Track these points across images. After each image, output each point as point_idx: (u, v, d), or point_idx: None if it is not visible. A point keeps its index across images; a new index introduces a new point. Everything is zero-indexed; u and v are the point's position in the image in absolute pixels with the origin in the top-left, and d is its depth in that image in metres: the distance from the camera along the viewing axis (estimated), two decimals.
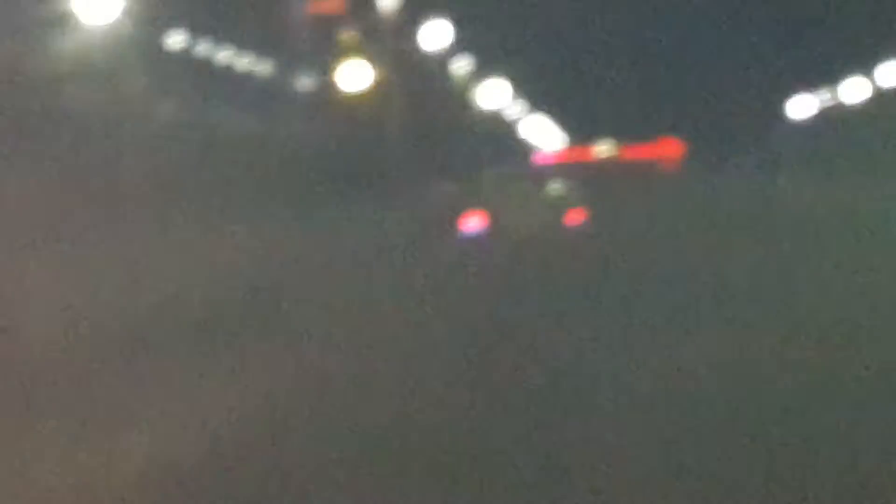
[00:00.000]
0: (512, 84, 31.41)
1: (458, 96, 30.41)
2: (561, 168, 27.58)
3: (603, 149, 28.88)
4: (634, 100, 32.37)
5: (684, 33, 33.28)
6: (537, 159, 32.97)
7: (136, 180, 17.11)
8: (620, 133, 29.36)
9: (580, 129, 33.49)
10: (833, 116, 33.63)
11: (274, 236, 16.69)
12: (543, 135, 37.85)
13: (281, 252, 15.64)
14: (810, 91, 34.02)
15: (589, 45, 32.39)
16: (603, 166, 27.74)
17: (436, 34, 26.94)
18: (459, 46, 28.59)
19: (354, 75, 24.98)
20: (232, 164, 19.93)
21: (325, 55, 25.05)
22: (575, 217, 20.87)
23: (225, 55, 23.27)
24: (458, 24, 27.31)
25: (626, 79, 32.73)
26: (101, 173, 16.28)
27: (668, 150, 29.01)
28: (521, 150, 35.91)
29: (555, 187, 22.70)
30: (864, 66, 31.93)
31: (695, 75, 32.80)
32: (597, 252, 16.94)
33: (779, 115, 33.93)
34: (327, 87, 25.11)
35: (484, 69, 31.25)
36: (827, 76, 33.11)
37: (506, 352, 8.97)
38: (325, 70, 25.03)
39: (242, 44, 23.43)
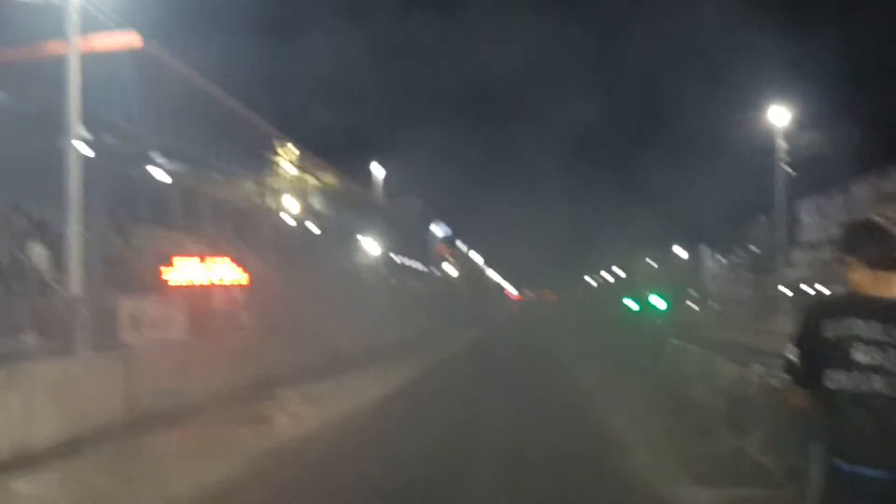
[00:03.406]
0: (500, 272, 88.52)
1: (481, 275, 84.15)
2: (517, 300, 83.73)
3: (530, 293, 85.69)
4: (540, 286, 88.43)
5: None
6: (509, 295, 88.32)
7: (384, 304, 37.04)
8: (536, 289, 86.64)
9: (523, 287, 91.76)
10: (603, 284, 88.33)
11: (423, 321, 43.42)
12: (510, 288, 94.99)
13: (425, 326, 42.38)
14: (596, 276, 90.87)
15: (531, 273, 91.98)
16: (533, 297, 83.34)
17: (479, 257, 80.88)
18: (487, 261, 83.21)
19: (450, 269, 76.77)
20: (412, 298, 48.28)
21: (440, 262, 75.64)
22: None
23: (405, 261, 71.07)
24: (487, 254, 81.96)
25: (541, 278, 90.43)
26: (369, 302, 33.77)
27: (551, 294, 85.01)
28: (504, 293, 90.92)
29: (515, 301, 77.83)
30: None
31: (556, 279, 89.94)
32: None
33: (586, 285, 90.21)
34: (442, 273, 75.30)
35: (492, 267, 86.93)
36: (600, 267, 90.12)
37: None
38: (440, 267, 75.42)
39: (418, 260, 71.30)
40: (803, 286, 38.62)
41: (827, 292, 35.58)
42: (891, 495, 2.58)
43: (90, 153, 16.82)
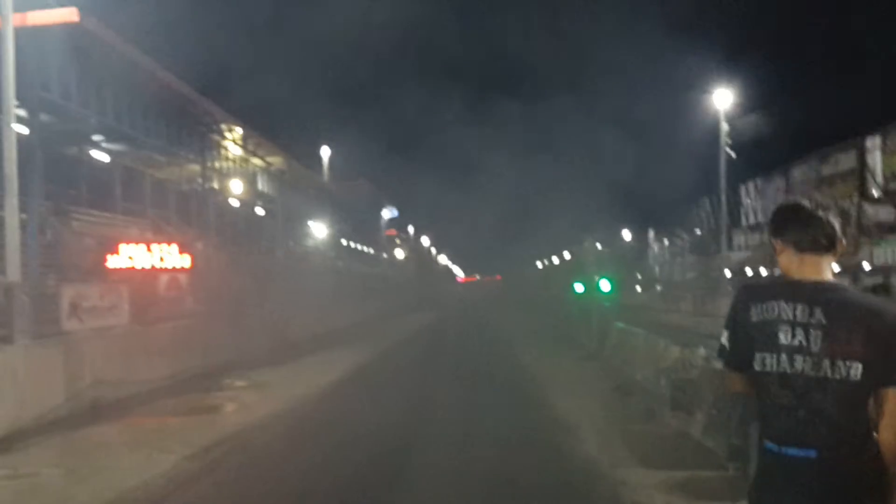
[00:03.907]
0: (448, 256, 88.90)
1: (430, 259, 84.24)
2: (465, 282, 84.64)
3: (478, 276, 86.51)
4: (487, 269, 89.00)
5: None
6: (458, 279, 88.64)
7: (333, 288, 36.02)
8: (483, 273, 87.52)
9: (470, 271, 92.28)
10: (550, 267, 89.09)
11: (372, 306, 44.21)
12: (458, 272, 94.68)
13: (374, 310, 43.04)
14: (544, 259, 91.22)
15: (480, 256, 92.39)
16: (481, 280, 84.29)
17: (428, 241, 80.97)
18: (435, 243, 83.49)
19: (399, 253, 76.70)
20: (361, 282, 47.70)
21: (391, 247, 75.58)
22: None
23: (358, 247, 71.40)
24: (436, 238, 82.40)
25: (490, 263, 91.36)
26: (317, 286, 33.10)
27: (498, 277, 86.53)
28: (453, 276, 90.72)
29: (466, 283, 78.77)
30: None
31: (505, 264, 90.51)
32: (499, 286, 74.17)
33: (533, 268, 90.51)
34: (391, 257, 75.30)
35: (441, 251, 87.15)
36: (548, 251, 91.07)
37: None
38: (390, 251, 75.34)
39: (366, 243, 71.31)
40: (747, 269, 39.37)
41: (765, 273, 36.51)
42: (817, 474, 2.63)
43: (26, 132, 16.34)
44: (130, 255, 16.47)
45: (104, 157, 24.30)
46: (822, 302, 2.66)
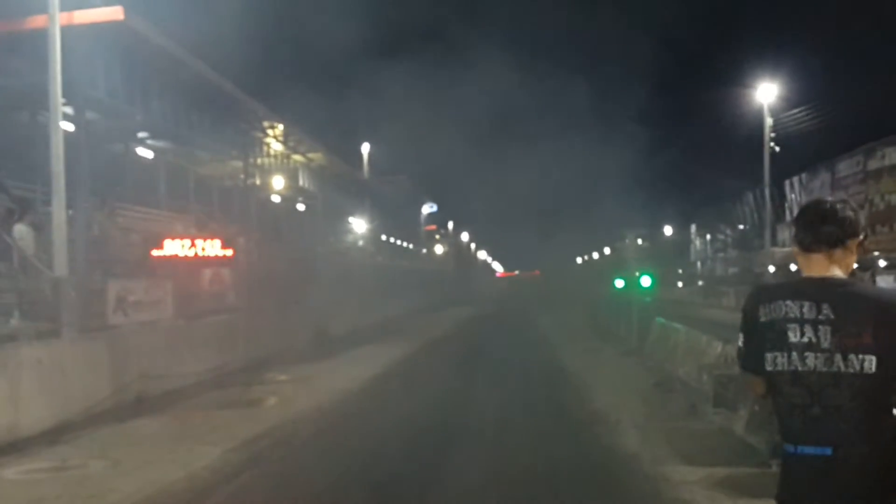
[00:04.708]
0: (487, 251, 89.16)
1: (469, 254, 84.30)
2: (505, 277, 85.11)
3: (517, 272, 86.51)
4: (527, 265, 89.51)
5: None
6: (497, 274, 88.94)
7: (373, 283, 36.24)
8: (523, 268, 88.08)
9: (510, 266, 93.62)
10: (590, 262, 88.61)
11: (412, 300, 44.85)
12: (497, 267, 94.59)
13: (414, 305, 43.85)
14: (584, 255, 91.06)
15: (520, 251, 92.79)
16: (521, 275, 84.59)
17: (465, 237, 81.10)
18: (474, 239, 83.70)
19: (438, 249, 76.79)
20: (401, 277, 47.77)
21: (430, 242, 75.65)
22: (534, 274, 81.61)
23: (397, 242, 71.40)
24: (475, 233, 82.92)
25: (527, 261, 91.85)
26: (358, 281, 33.03)
27: (538, 272, 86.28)
28: (493, 271, 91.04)
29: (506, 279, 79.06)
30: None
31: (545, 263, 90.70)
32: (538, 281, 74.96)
33: (573, 264, 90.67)
34: (431, 252, 75.46)
35: (480, 246, 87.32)
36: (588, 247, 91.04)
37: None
38: (429, 246, 75.44)
39: (406, 239, 71.31)
40: (791, 265, 38.72)
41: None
42: (833, 472, 2.61)
43: (73, 129, 16.64)
44: (175, 251, 16.68)
45: (149, 154, 24.65)
46: (829, 297, 2.66)
